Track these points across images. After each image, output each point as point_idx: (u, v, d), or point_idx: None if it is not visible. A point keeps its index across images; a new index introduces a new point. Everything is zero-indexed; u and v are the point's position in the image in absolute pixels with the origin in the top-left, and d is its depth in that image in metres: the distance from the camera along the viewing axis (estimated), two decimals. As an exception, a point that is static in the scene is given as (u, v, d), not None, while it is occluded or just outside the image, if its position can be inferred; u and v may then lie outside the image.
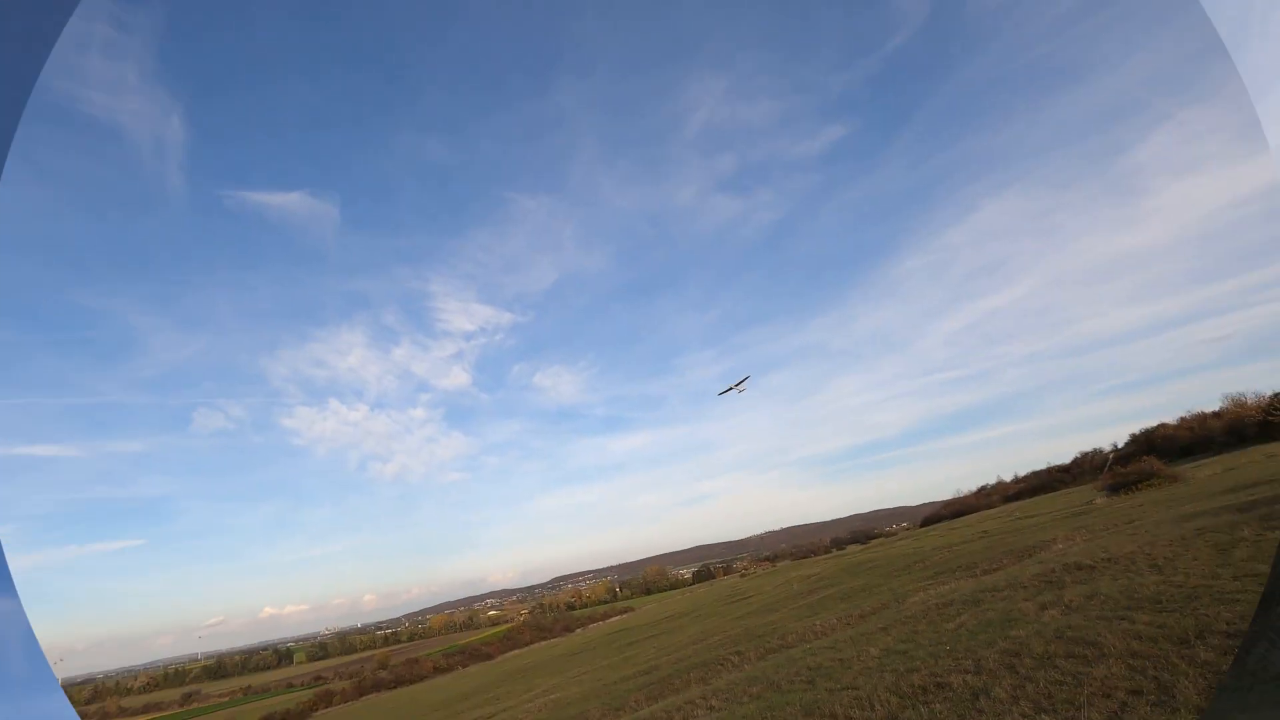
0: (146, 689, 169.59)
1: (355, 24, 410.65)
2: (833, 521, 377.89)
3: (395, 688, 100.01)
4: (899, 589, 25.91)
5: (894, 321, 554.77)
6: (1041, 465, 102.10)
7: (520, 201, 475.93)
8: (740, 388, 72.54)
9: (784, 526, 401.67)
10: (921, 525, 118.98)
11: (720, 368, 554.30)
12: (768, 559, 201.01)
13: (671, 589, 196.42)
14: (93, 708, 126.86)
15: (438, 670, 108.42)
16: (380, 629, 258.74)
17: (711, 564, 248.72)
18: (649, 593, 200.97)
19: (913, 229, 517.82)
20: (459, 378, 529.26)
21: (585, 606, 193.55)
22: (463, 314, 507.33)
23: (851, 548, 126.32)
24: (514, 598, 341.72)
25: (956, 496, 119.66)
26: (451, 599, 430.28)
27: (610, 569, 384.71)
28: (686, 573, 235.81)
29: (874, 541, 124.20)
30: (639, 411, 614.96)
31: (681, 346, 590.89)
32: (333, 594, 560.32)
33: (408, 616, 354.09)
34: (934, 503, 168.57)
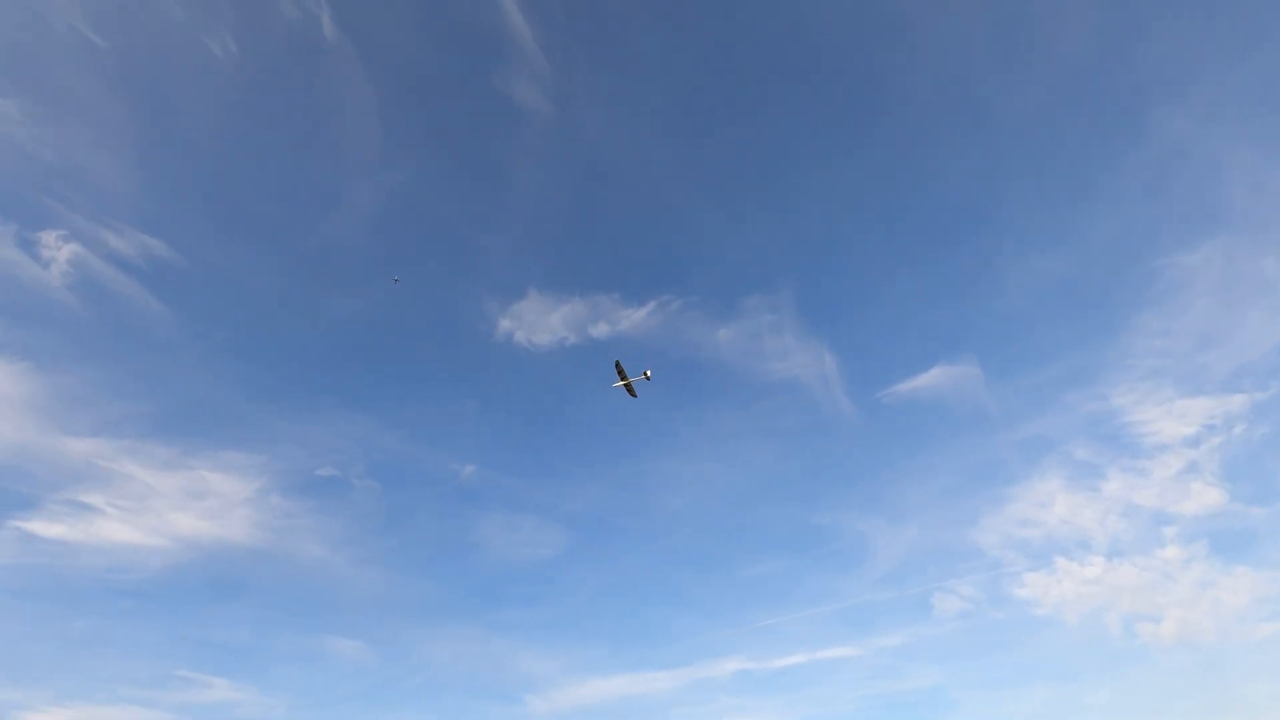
0: None
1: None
2: None
3: None
4: None
5: None
6: None
7: (1179, 261, 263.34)
8: (646, 375, 64.86)
9: None
10: None
11: None
12: None
13: None
14: None
15: None
16: None
17: None
18: None
19: None
20: (1205, 496, 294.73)
21: None
22: (1167, 417, 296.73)
23: None
24: None
25: None
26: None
27: None
28: None
29: None
30: None
31: None
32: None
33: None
34: None
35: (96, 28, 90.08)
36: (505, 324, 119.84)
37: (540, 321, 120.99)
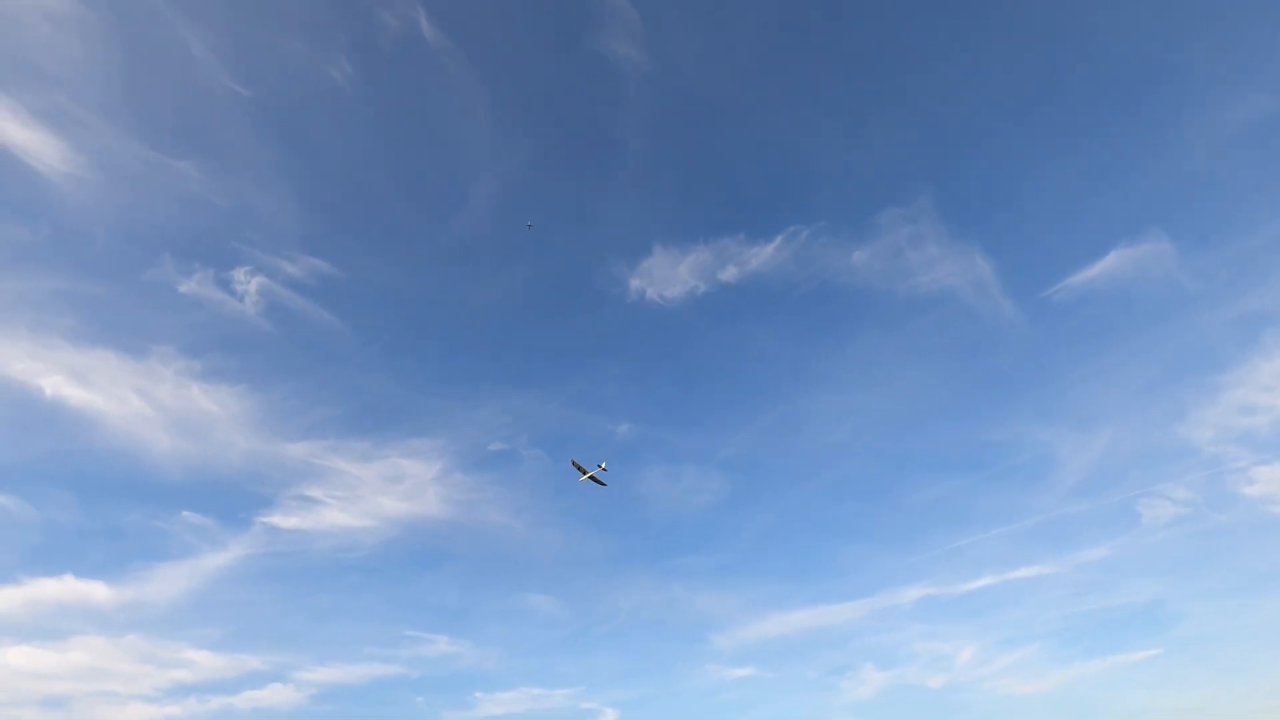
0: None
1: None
2: None
3: None
4: None
5: None
6: None
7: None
8: (601, 467, 70.20)
9: None
10: None
11: None
12: None
13: None
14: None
15: None
16: None
17: None
18: None
19: None
20: None
21: None
22: None
23: None
24: None
25: None
26: None
27: None
28: None
29: None
30: None
31: None
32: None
33: None
34: None
35: (238, 79, 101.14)
36: (636, 283, 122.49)
37: (669, 275, 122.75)
